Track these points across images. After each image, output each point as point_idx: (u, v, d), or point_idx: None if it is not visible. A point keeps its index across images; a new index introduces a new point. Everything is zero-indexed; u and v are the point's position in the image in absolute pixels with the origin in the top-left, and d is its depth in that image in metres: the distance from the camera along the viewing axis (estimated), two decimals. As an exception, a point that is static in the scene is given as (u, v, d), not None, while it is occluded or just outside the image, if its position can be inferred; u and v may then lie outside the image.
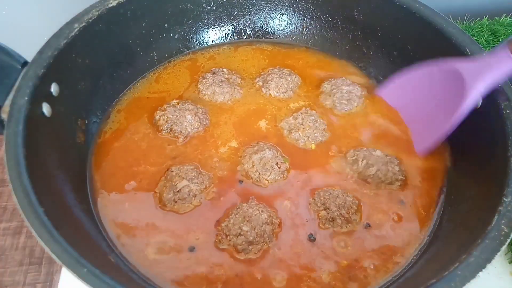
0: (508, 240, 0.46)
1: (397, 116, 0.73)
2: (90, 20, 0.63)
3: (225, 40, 0.85)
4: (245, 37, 0.86)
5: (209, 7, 0.82)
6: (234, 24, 0.85)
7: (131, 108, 0.72)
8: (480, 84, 0.57)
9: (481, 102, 0.60)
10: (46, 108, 0.55)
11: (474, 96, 0.58)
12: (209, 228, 0.58)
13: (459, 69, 0.60)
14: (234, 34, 0.86)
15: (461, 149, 0.65)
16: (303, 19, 0.85)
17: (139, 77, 0.77)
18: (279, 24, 0.86)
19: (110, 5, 0.66)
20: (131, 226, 0.58)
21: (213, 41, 0.85)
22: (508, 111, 0.55)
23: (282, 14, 0.85)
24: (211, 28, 0.84)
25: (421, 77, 0.68)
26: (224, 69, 0.77)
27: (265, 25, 0.86)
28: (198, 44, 0.84)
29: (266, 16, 0.85)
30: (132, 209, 0.60)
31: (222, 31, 0.85)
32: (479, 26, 0.98)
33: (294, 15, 0.85)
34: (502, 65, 0.56)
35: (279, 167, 0.63)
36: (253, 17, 0.85)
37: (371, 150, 0.66)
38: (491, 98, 0.58)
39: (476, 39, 0.88)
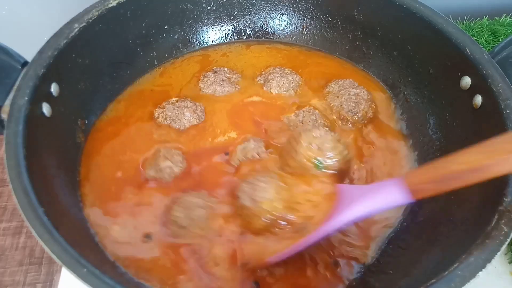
0: (508, 240, 0.46)
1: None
2: (90, 20, 0.63)
3: (225, 40, 0.85)
4: (245, 37, 0.86)
5: (209, 7, 0.82)
6: (234, 24, 0.85)
7: (132, 100, 0.73)
8: (352, 209, 0.50)
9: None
10: (46, 108, 0.55)
11: (338, 222, 0.50)
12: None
13: (341, 191, 0.53)
14: (234, 34, 0.86)
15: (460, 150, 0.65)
16: (303, 19, 0.85)
17: (139, 77, 0.77)
18: (279, 24, 0.86)
19: (110, 5, 0.66)
20: (110, 209, 0.59)
21: (213, 41, 0.85)
22: (508, 111, 0.55)
23: (282, 14, 0.85)
24: (211, 28, 0.84)
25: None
26: (226, 68, 0.78)
27: (265, 25, 0.86)
28: (198, 44, 0.84)
29: (266, 16, 0.86)
30: (115, 193, 0.61)
31: (222, 31, 0.85)
32: (479, 26, 0.98)
33: (294, 15, 0.85)
34: (386, 194, 0.49)
35: (259, 156, 0.64)
36: (253, 17, 0.85)
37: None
38: (492, 97, 0.58)
39: (476, 39, 0.88)
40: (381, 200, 0.49)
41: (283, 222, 0.54)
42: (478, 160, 0.44)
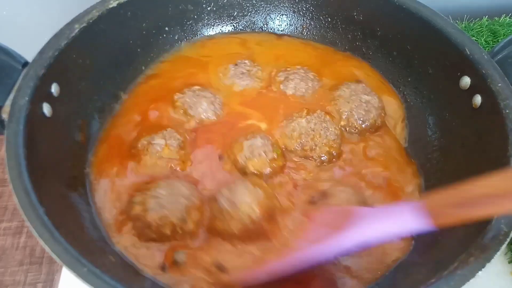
0: (508, 240, 0.46)
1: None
2: (91, 21, 0.64)
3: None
4: (245, 38, 0.86)
5: (209, 8, 0.82)
6: (234, 24, 0.85)
7: (177, 61, 0.78)
8: (358, 230, 0.45)
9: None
10: (46, 108, 0.55)
11: (340, 243, 0.45)
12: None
13: (354, 212, 0.47)
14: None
15: (459, 150, 0.65)
16: (303, 20, 0.85)
17: (138, 77, 0.77)
18: (278, 25, 0.86)
19: (110, 6, 0.66)
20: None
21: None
22: (507, 111, 0.56)
23: (282, 14, 0.86)
24: (211, 29, 0.84)
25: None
26: (246, 61, 0.78)
27: (265, 25, 0.86)
28: (198, 44, 0.84)
29: (266, 17, 0.86)
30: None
31: (222, 31, 0.85)
32: (479, 27, 0.99)
33: (294, 16, 0.85)
34: (401, 217, 0.44)
35: (266, 155, 0.63)
36: (253, 18, 0.86)
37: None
38: (491, 97, 0.58)
39: (475, 39, 0.88)
40: (395, 224, 0.44)
41: (256, 228, 0.53)
42: (507, 185, 0.38)
